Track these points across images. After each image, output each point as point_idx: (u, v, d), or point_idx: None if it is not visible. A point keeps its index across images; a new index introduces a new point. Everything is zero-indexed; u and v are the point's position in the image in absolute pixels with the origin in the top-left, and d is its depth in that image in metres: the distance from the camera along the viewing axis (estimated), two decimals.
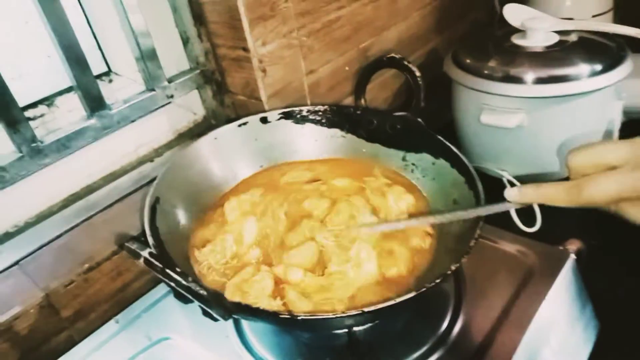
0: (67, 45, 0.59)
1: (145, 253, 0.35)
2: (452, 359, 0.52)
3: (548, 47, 0.77)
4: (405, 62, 0.60)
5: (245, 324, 0.56)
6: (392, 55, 0.62)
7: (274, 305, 0.44)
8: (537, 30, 0.77)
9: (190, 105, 0.79)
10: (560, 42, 0.77)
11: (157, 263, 0.35)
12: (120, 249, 0.58)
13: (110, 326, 0.58)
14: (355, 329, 0.50)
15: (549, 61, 0.74)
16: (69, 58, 0.59)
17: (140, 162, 0.74)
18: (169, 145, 0.77)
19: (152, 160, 0.74)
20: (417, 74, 0.60)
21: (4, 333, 0.52)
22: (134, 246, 0.36)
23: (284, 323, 0.43)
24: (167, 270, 0.35)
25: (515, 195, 0.43)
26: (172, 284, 0.35)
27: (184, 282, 0.35)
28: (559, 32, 0.79)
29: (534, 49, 0.77)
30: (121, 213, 0.66)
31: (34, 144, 0.59)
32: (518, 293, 0.56)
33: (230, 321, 0.56)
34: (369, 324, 0.50)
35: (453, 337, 0.53)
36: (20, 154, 0.58)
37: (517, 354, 0.51)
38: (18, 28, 0.66)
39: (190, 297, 0.36)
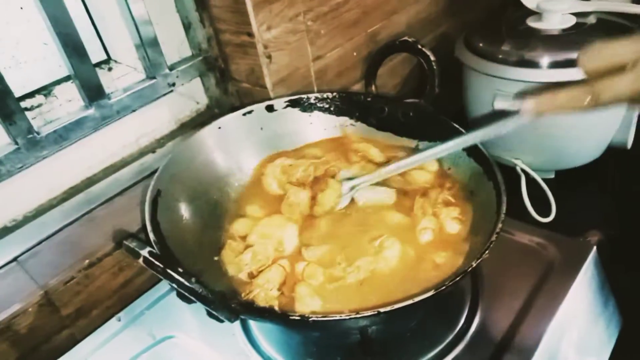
0: (65, 32, 0.56)
1: (144, 252, 0.33)
2: (470, 357, 0.49)
3: (565, 30, 0.73)
4: (419, 46, 0.57)
5: (252, 322, 0.53)
6: (405, 38, 0.59)
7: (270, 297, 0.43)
8: (553, 12, 0.74)
9: (192, 94, 0.76)
10: (577, 25, 0.74)
11: (157, 263, 0.32)
12: (119, 247, 0.56)
13: (113, 324, 0.56)
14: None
15: (566, 44, 0.70)
16: (66, 45, 0.57)
17: (142, 153, 0.71)
18: (171, 136, 0.74)
19: (153, 152, 0.71)
20: (432, 58, 0.57)
21: (2, 332, 0.50)
22: (132, 244, 0.34)
23: (294, 324, 0.41)
24: (169, 271, 0.32)
25: (532, 106, 0.41)
26: (174, 285, 0.33)
27: (186, 284, 0.33)
28: (577, 14, 0.75)
29: (550, 32, 0.74)
30: (122, 206, 0.64)
31: (30, 136, 0.57)
32: (538, 288, 0.53)
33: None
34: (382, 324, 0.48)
35: (470, 334, 0.51)
36: (17, 146, 0.56)
37: (538, 351, 0.48)
38: (13, 14, 0.63)
39: (193, 298, 0.33)
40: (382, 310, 0.37)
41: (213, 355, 0.51)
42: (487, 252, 0.42)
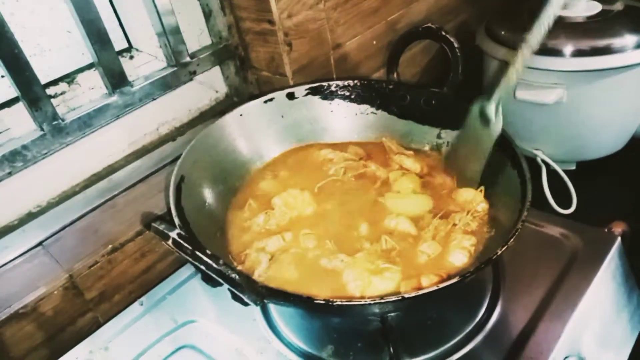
0: (88, 20, 0.56)
1: (173, 234, 0.33)
2: (490, 348, 0.49)
3: (590, 17, 0.72)
4: (443, 33, 0.57)
5: (272, 308, 0.54)
6: (429, 25, 0.58)
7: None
8: None
9: (212, 82, 0.76)
10: (603, 12, 0.72)
11: (186, 245, 0.33)
12: (147, 229, 0.56)
13: (135, 308, 0.56)
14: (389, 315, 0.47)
15: (591, 32, 0.69)
16: (90, 34, 0.57)
17: (162, 141, 0.72)
18: (191, 124, 0.75)
19: (174, 139, 0.72)
20: (456, 45, 0.56)
21: (29, 314, 0.51)
22: (161, 227, 0.34)
23: (318, 309, 0.41)
24: (197, 253, 0.33)
25: None
26: (202, 267, 0.33)
27: (214, 266, 0.33)
28: (603, 1, 0.73)
29: (575, 20, 0.72)
30: (144, 193, 0.64)
31: (55, 122, 0.57)
32: (561, 279, 0.53)
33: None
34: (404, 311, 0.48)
35: (491, 325, 0.50)
36: (42, 132, 0.57)
37: (558, 344, 0.48)
38: (37, 2, 0.64)
39: (221, 280, 0.34)
40: (406, 295, 0.37)
41: (234, 339, 0.51)
42: (512, 239, 0.41)
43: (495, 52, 0.74)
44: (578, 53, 0.68)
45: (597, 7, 0.73)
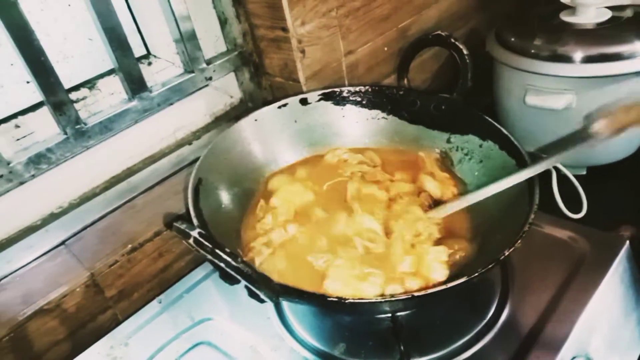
0: (110, 28, 0.59)
1: (195, 233, 0.35)
2: (498, 347, 0.50)
3: (600, 24, 0.73)
4: (452, 40, 0.58)
5: (285, 306, 0.55)
6: (439, 32, 0.60)
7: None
8: (588, 5, 0.73)
9: (226, 88, 0.78)
10: (613, 18, 0.73)
11: (207, 243, 0.34)
12: (168, 229, 0.58)
13: (154, 306, 0.58)
14: (400, 313, 0.49)
15: (601, 38, 0.70)
16: (111, 40, 0.59)
17: (179, 145, 0.74)
18: (206, 129, 0.77)
19: (190, 144, 0.74)
20: (465, 52, 0.58)
21: (53, 310, 0.54)
22: (183, 226, 0.36)
23: (331, 306, 0.42)
24: (217, 251, 0.34)
25: (605, 125, 0.41)
26: (222, 265, 0.35)
27: (233, 263, 0.34)
28: (613, 8, 0.74)
29: (584, 26, 0.73)
30: (161, 195, 0.66)
31: (78, 126, 0.60)
32: (569, 281, 0.54)
33: (271, 303, 0.56)
34: (414, 310, 0.49)
35: (500, 325, 0.52)
36: (65, 136, 0.59)
37: (566, 345, 0.49)
38: (61, 11, 0.67)
39: (239, 277, 0.35)
40: (416, 294, 0.38)
41: (249, 337, 0.53)
42: (519, 241, 0.42)
43: (505, 59, 0.75)
44: (588, 59, 0.68)
45: (607, 14, 0.73)
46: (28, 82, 0.66)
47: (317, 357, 0.50)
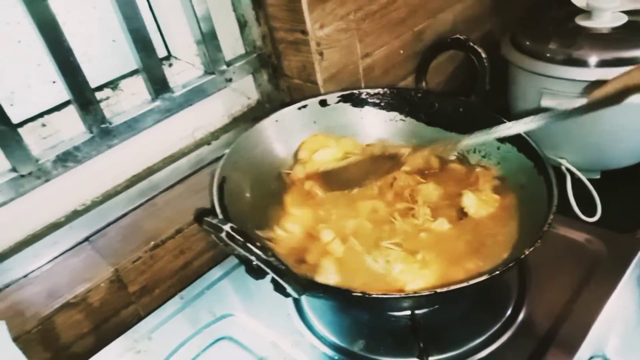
0: (135, 29, 0.60)
1: (227, 227, 0.36)
2: (516, 347, 0.51)
3: (615, 29, 0.73)
4: (471, 44, 0.59)
5: (305, 304, 0.56)
6: (457, 36, 0.61)
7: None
8: (604, 10, 0.74)
9: (244, 89, 0.80)
10: (629, 23, 0.73)
11: (238, 237, 0.36)
12: (197, 224, 0.60)
13: (176, 302, 0.60)
14: (418, 312, 0.50)
15: (616, 43, 0.71)
16: (136, 42, 0.61)
17: (197, 145, 0.76)
18: (224, 129, 0.78)
19: (209, 144, 0.75)
20: (483, 55, 0.59)
21: (79, 304, 0.55)
22: (215, 221, 0.37)
23: (355, 301, 0.43)
24: (249, 244, 0.36)
25: (604, 90, 0.42)
26: (252, 258, 0.36)
27: (264, 256, 0.36)
28: (628, 12, 0.75)
29: (600, 30, 0.74)
30: (181, 194, 0.68)
31: (103, 125, 0.61)
32: (586, 282, 0.54)
33: (291, 300, 0.57)
34: (432, 308, 0.50)
35: (517, 324, 0.52)
36: (92, 135, 0.61)
37: (583, 345, 0.49)
38: (86, 13, 0.68)
39: (268, 270, 0.37)
40: (438, 290, 0.39)
41: (269, 333, 0.54)
42: (539, 241, 0.43)
43: (520, 62, 0.76)
44: (603, 63, 0.69)
45: (623, 18, 0.74)
46: (54, 82, 0.67)
47: (337, 352, 0.51)
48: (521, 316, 0.53)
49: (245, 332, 0.54)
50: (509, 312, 0.54)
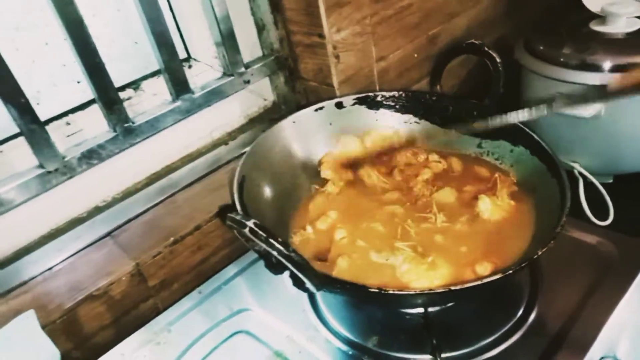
0: (159, 32, 0.62)
1: (250, 223, 0.38)
2: (527, 346, 0.52)
3: (629, 34, 0.74)
4: (486, 48, 0.60)
5: (320, 300, 0.58)
6: (472, 41, 0.62)
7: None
8: (618, 15, 0.74)
9: (261, 91, 0.81)
10: None
11: (261, 232, 0.37)
12: (219, 219, 0.62)
13: (194, 296, 0.61)
14: (431, 309, 0.51)
15: (630, 48, 0.71)
16: (159, 44, 0.63)
17: (215, 145, 0.77)
18: (241, 130, 0.80)
19: (226, 144, 0.77)
20: (498, 60, 0.60)
21: (101, 297, 0.57)
22: (238, 217, 0.39)
23: (371, 297, 0.45)
24: (271, 240, 0.37)
25: (620, 80, 0.42)
26: (274, 253, 0.37)
27: (285, 252, 0.37)
28: None
29: (614, 36, 0.74)
30: (199, 192, 0.70)
31: (127, 124, 0.63)
32: (597, 284, 0.55)
33: (306, 296, 0.58)
34: (445, 306, 0.51)
35: (528, 324, 0.53)
36: (115, 133, 0.63)
37: (594, 346, 0.50)
38: (111, 16, 0.71)
39: (289, 265, 0.38)
40: (452, 287, 0.40)
41: (285, 327, 0.55)
42: (552, 242, 0.44)
43: (534, 67, 0.76)
44: (617, 68, 0.70)
45: (638, 24, 0.74)
46: (78, 82, 0.70)
47: (351, 348, 0.52)
48: (533, 316, 0.54)
49: (261, 327, 0.56)
50: (520, 312, 0.55)
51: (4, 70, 0.52)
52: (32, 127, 0.56)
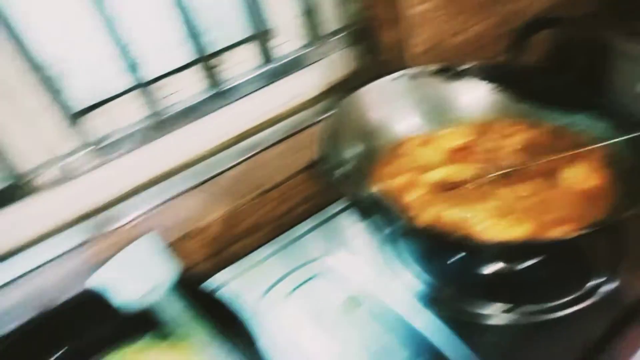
0: (250, 2, 0.68)
1: (340, 172, 0.41)
2: (600, 312, 0.52)
3: None
4: (571, 24, 0.60)
5: (398, 249, 0.61)
6: (556, 15, 0.62)
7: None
8: None
9: (341, 61, 0.85)
10: None
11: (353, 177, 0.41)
12: (308, 170, 0.67)
13: (277, 241, 0.68)
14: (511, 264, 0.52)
15: None
16: (252, 12, 0.68)
17: (297, 110, 0.82)
18: (321, 97, 0.84)
19: (307, 109, 0.82)
20: (584, 36, 0.59)
21: (199, 234, 0.64)
22: (333, 165, 0.42)
23: (453, 243, 0.47)
24: (364, 183, 0.41)
25: None
26: (367, 197, 0.41)
27: (374, 196, 0.41)
28: None
29: None
30: (282, 152, 0.75)
31: (219, 87, 0.70)
32: None
33: (385, 245, 0.62)
34: (524, 261, 0.52)
35: (603, 292, 0.54)
36: (210, 94, 0.69)
37: None
38: None
39: (380, 210, 0.42)
40: (532, 241, 0.43)
41: (359, 276, 0.60)
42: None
43: (621, 46, 0.75)
44: None
45: None
46: (177, 48, 0.76)
47: (428, 295, 0.55)
48: (610, 285, 0.54)
49: (337, 274, 0.61)
50: (598, 279, 0.55)
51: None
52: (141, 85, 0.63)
